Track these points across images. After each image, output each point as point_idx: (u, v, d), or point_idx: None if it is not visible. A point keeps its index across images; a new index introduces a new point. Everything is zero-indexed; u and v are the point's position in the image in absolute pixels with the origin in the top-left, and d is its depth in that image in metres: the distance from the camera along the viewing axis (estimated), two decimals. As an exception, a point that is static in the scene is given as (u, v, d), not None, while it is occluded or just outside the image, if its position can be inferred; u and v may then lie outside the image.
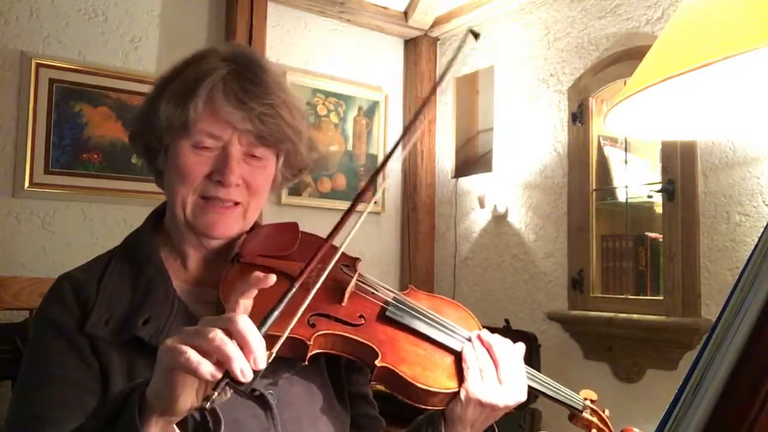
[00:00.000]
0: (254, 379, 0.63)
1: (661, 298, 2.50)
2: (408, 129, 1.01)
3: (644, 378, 2.56)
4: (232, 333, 0.64)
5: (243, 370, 0.62)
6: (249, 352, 0.63)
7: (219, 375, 0.62)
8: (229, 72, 0.96)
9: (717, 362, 0.42)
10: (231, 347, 0.62)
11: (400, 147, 0.88)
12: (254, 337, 0.64)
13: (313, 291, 0.75)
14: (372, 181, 0.87)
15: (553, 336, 2.92)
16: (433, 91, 2.88)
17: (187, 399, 0.66)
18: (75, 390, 0.86)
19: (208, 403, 0.61)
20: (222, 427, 0.72)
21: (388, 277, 3.62)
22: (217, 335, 0.63)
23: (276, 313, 0.68)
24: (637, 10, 2.68)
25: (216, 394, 0.61)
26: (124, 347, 0.88)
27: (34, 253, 2.66)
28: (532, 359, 2.59)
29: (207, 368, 0.62)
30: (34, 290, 1.87)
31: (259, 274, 0.69)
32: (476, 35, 0.95)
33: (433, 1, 3.49)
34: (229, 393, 0.65)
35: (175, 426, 0.70)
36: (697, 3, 0.94)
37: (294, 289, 0.70)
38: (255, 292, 0.70)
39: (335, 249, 0.82)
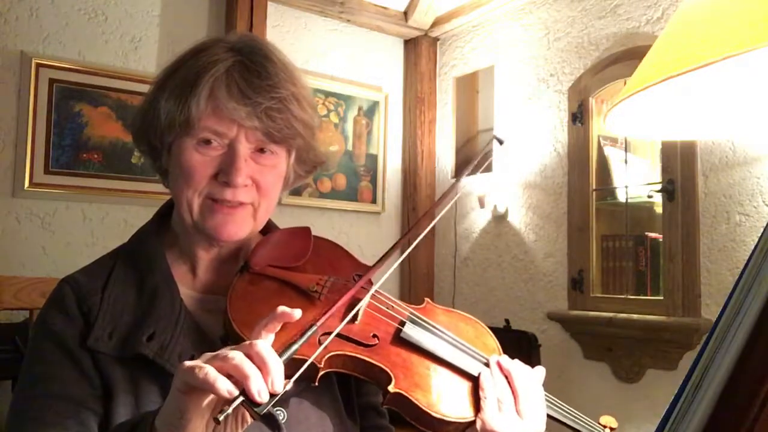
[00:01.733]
0: (269, 402, 0.63)
1: (661, 298, 2.50)
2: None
3: (644, 378, 2.56)
4: (252, 355, 0.64)
5: (260, 390, 0.62)
6: (267, 374, 0.63)
7: (236, 392, 0.62)
8: (233, 64, 0.89)
9: (717, 362, 0.42)
10: (250, 367, 0.63)
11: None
12: (274, 360, 0.64)
13: (337, 330, 0.75)
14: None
15: (553, 336, 2.92)
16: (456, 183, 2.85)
17: (198, 427, 0.66)
18: (73, 407, 0.83)
19: (222, 416, 0.61)
20: None
21: (387, 278, 3.62)
22: (237, 355, 0.63)
23: (296, 347, 0.69)
24: (637, 10, 2.68)
25: (230, 409, 0.61)
26: (128, 363, 0.85)
27: (34, 253, 2.66)
28: (532, 359, 2.59)
29: (224, 384, 0.62)
30: (34, 290, 1.87)
31: (285, 309, 0.70)
32: (501, 141, 0.96)
33: (433, 1, 3.49)
34: (244, 425, 0.66)
35: None
36: (696, 3, 0.94)
37: (315, 328, 0.71)
38: (279, 325, 0.70)
39: (368, 283, 0.81)
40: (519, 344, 2.68)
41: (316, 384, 0.83)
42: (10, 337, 2.06)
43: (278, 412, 0.87)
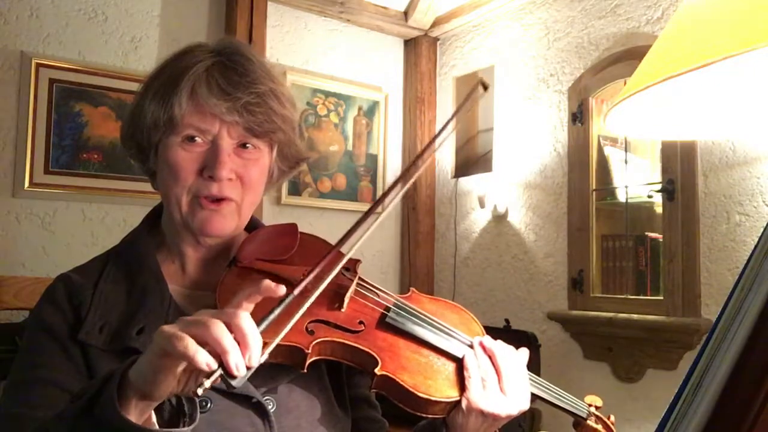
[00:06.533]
0: (245, 375, 0.63)
1: (661, 298, 2.50)
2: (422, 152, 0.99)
3: (644, 378, 2.56)
4: (231, 327, 0.64)
5: (238, 364, 0.62)
6: (246, 348, 0.63)
7: (214, 366, 0.62)
8: (213, 64, 0.93)
9: (717, 362, 0.42)
10: (229, 340, 0.63)
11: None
12: (253, 333, 0.64)
13: (311, 299, 0.74)
14: (385, 195, 0.89)
15: (553, 336, 2.92)
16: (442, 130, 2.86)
17: (170, 384, 0.66)
18: (62, 393, 0.84)
19: (201, 390, 0.61)
20: (198, 412, 0.71)
21: (387, 277, 3.62)
22: (218, 326, 0.63)
23: (274, 315, 0.68)
24: (637, 10, 2.68)
25: (208, 383, 0.62)
26: (118, 356, 0.86)
27: (34, 253, 2.66)
28: (531, 359, 2.59)
29: (203, 357, 0.62)
30: (34, 290, 1.86)
31: (270, 283, 0.70)
32: (485, 86, 0.97)
33: (433, 1, 3.49)
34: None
35: (152, 411, 0.70)
36: (697, 3, 0.94)
37: (293, 295, 0.70)
38: (260, 298, 0.71)
39: (339, 256, 0.82)
40: (519, 344, 2.67)
41: (305, 371, 0.85)
42: (10, 337, 2.06)
43: (267, 401, 0.89)
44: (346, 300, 0.91)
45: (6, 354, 2.03)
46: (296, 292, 0.71)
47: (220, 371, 0.62)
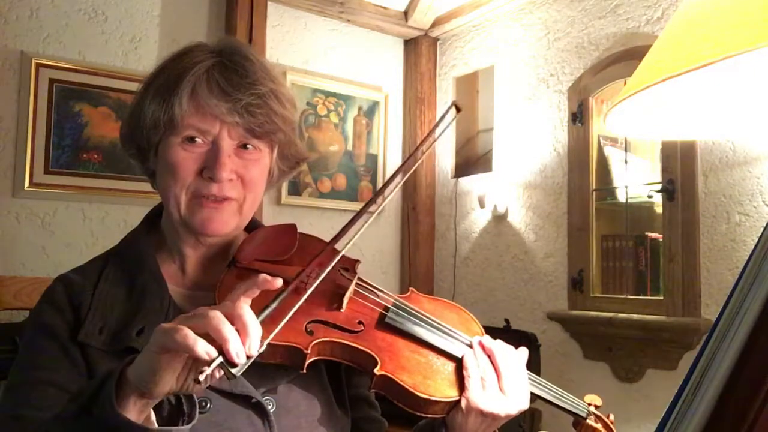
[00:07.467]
0: (245, 364, 0.64)
1: (661, 298, 2.50)
2: (408, 159, 1.00)
3: (644, 378, 2.56)
4: (231, 317, 0.65)
5: (238, 352, 0.63)
6: (246, 336, 0.64)
7: (214, 354, 0.63)
8: (213, 64, 0.93)
9: (717, 362, 0.42)
10: (229, 328, 0.64)
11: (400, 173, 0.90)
12: (252, 322, 0.65)
13: (308, 292, 0.75)
14: (378, 194, 0.90)
15: (553, 336, 2.92)
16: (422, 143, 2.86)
17: (168, 382, 0.67)
18: (62, 394, 0.84)
19: (202, 376, 0.62)
20: (197, 411, 0.71)
21: (387, 277, 3.62)
22: (217, 315, 0.64)
23: (272, 307, 0.69)
24: (637, 10, 2.68)
25: (209, 370, 0.62)
26: (118, 357, 0.85)
27: (34, 253, 2.66)
28: (531, 359, 2.59)
29: (203, 346, 0.63)
30: (34, 290, 1.87)
31: (266, 276, 0.70)
32: (459, 109, 0.97)
33: (433, 1, 3.49)
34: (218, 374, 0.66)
35: (151, 410, 0.70)
36: (696, 3, 0.94)
37: (290, 288, 0.71)
38: (258, 292, 0.71)
39: (335, 252, 0.82)
40: (519, 344, 2.67)
41: (304, 371, 0.85)
42: (10, 337, 2.06)
43: (267, 401, 0.89)
44: (346, 300, 0.91)
45: (6, 354, 2.03)
46: (293, 284, 0.72)
47: (220, 359, 0.63)
